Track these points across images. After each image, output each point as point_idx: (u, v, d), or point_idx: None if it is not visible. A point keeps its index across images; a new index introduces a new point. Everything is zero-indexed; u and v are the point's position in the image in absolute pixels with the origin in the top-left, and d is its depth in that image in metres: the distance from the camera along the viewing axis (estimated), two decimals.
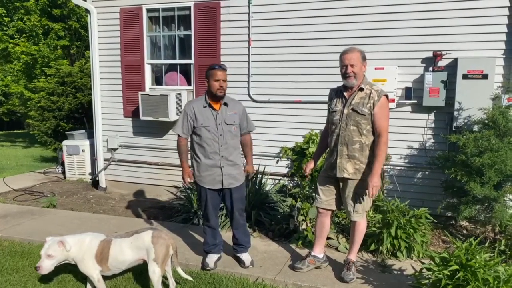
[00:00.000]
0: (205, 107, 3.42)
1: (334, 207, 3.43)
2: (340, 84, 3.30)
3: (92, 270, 3.04)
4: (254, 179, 4.79)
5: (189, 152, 3.58)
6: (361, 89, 3.15)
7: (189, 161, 3.60)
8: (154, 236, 3.01)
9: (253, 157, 3.83)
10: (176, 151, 5.61)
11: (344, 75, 3.16)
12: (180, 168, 5.68)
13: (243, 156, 3.71)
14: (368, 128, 3.13)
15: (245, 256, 3.63)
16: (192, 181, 3.53)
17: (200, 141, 3.42)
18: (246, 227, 3.72)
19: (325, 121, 3.52)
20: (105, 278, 3.16)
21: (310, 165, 3.57)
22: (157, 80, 6.13)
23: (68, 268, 3.52)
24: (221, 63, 5.27)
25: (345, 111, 3.19)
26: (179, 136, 3.51)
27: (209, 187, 3.48)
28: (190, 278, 3.18)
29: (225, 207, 3.65)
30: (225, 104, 3.45)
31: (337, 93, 3.31)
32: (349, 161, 3.20)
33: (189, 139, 3.54)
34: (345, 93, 3.23)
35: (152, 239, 3.00)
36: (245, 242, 3.65)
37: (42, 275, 3.47)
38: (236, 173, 3.52)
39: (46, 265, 3.02)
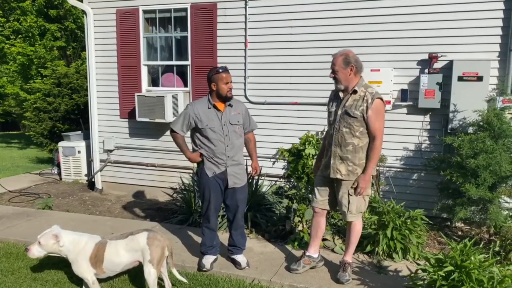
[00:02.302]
0: (210, 108, 3.43)
1: (329, 207, 3.44)
2: None
3: (87, 272, 3.03)
4: (250, 180, 4.80)
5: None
6: (355, 92, 3.16)
7: (194, 164, 3.58)
8: (149, 238, 3.01)
9: None
10: (172, 152, 5.58)
11: None
12: (177, 169, 5.73)
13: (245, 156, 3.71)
14: (361, 130, 3.15)
15: (241, 258, 3.63)
16: (201, 159, 3.45)
17: (207, 142, 3.42)
18: (244, 229, 3.72)
19: (322, 122, 3.55)
20: (100, 280, 3.15)
21: (317, 165, 3.57)
22: (154, 82, 6.12)
23: (64, 270, 3.51)
24: (219, 64, 5.27)
25: (339, 113, 3.22)
26: (174, 132, 3.48)
27: (213, 172, 3.43)
28: (185, 280, 3.17)
29: (227, 208, 3.64)
30: (230, 105, 3.48)
31: (335, 95, 3.35)
32: (342, 163, 3.22)
33: (195, 141, 3.51)
34: (340, 95, 3.25)
35: (148, 240, 2.99)
36: (241, 244, 3.65)
37: (37, 277, 3.48)
38: (241, 172, 3.54)
39: (34, 250, 3.06)
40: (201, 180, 3.52)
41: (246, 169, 3.71)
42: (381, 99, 3.14)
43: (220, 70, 3.38)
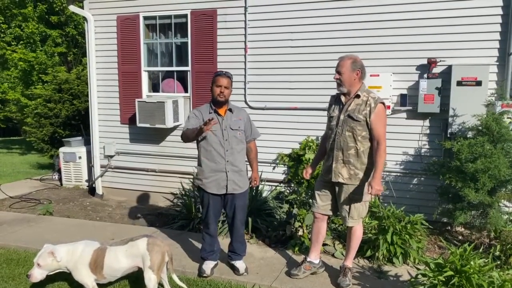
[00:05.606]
0: (211, 112, 3.46)
1: (330, 212, 3.45)
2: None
3: (87, 278, 3.03)
4: (251, 185, 4.79)
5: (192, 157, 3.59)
6: (358, 96, 3.19)
7: (195, 168, 3.59)
8: (149, 243, 3.02)
9: None
10: (173, 158, 5.61)
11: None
12: (177, 175, 5.73)
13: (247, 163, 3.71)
14: (363, 134, 3.17)
15: (240, 264, 3.63)
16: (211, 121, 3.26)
17: (206, 145, 3.44)
18: (244, 236, 3.72)
19: (322, 127, 3.56)
20: (100, 285, 3.16)
21: (309, 170, 3.62)
22: (154, 87, 6.15)
23: (64, 276, 3.51)
24: (221, 70, 5.29)
25: (341, 117, 3.23)
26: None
27: (213, 192, 3.47)
28: (185, 286, 3.16)
29: (226, 215, 3.64)
30: (230, 110, 3.50)
31: (336, 99, 3.37)
32: (344, 166, 3.23)
33: (195, 145, 3.55)
34: (342, 100, 3.28)
35: (147, 246, 3.00)
36: (241, 251, 3.66)
37: (37, 283, 3.47)
38: (241, 179, 3.53)
39: (36, 274, 3.04)
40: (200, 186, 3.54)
41: (249, 178, 3.71)
42: (383, 104, 3.18)
43: (220, 74, 3.43)
